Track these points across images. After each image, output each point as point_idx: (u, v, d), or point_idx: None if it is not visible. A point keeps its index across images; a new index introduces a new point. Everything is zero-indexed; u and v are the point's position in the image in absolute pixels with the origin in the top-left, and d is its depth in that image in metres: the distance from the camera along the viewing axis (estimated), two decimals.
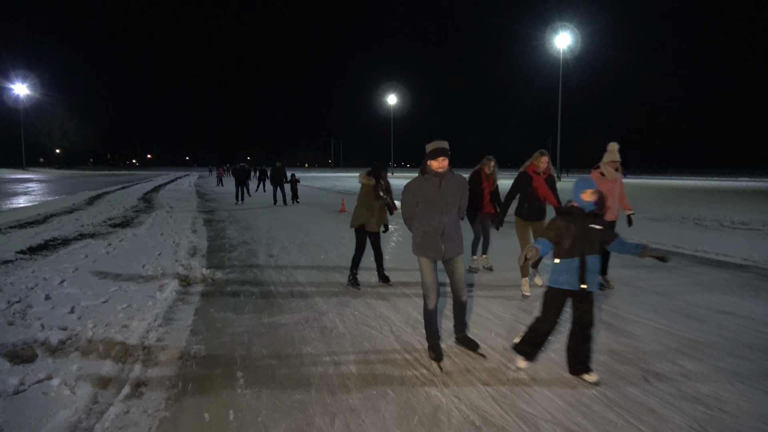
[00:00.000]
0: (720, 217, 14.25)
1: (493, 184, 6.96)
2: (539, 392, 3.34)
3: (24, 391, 3.28)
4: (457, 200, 3.86)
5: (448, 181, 3.80)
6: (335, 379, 3.53)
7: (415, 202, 3.87)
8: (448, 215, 3.81)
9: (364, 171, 6.20)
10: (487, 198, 6.92)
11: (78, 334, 4.27)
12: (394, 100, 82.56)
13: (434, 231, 3.79)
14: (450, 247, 3.83)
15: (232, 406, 3.13)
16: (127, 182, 39.30)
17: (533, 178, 5.74)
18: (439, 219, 3.78)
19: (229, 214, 15.13)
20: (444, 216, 3.79)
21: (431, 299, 3.86)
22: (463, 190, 3.89)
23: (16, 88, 73.29)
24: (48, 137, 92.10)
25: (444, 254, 3.82)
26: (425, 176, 3.82)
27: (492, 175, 6.96)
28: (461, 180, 3.90)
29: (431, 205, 3.79)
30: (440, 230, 3.79)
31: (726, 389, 3.39)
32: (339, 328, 4.61)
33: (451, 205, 3.81)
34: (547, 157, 5.74)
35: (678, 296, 5.71)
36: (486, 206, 6.92)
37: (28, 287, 5.81)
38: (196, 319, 4.84)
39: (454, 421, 2.97)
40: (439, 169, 3.76)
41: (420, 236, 3.86)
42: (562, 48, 48.34)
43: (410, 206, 3.94)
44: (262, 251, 8.56)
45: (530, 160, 5.82)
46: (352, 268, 6.15)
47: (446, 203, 3.79)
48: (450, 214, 3.82)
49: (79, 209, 15.72)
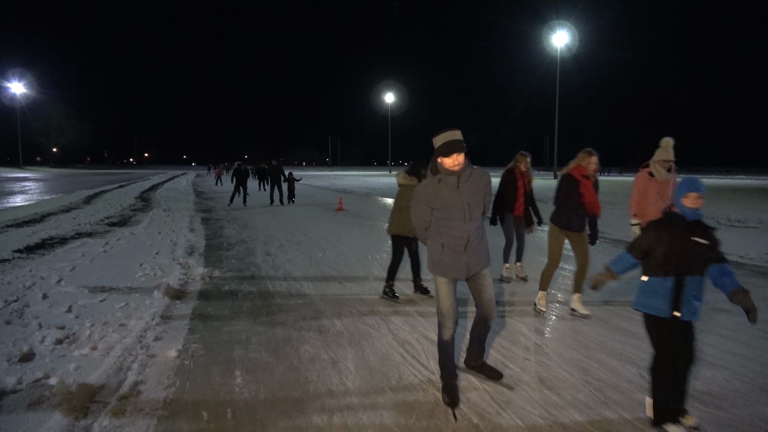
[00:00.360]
0: (717, 215, 14.29)
1: (528, 183, 6.28)
2: (537, 390, 3.36)
3: (21, 390, 3.27)
4: (480, 201, 3.17)
5: (467, 178, 3.12)
6: (333, 377, 3.54)
7: (430, 209, 3.20)
8: (472, 221, 3.15)
9: (403, 170, 5.56)
10: (521, 199, 6.22)
11: (76, 333, 4.27)
12: (391, 98, 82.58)
13: (456, 243, 3.14)
14: (475, 261, 3.20)
15: (230, 405, 3.13)
16: (124, 181, 39.20)
17: (580, 182, 4.86)
18: (462, 227, 3.12)
19: (226, 213, 15.11)
20: (468, 222, 3.13)
21: (448, 328, 3.19)
22: (486, 186, 3.21)
23: (13, 87, 73.04)
24: (45, 136, 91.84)
25: (469, 271, 3.19)
26: (438, 177, 3.16)
27: (527, 173, 6.26)
28: (482, 174, 3.22)
29: (450, 211, 3.12)
30: (463, 241, 3.14)
31: (722, 386, 3.41)
32: (337, 326, 4.61)
33: (474, 207, 3.13)
34: (596, 158, 4.93)
35: None
36: (520, 208, 6.24)
37: (25, 286, 5.80)
38: (194, 317, 4.84)
39: (451, 418, 2.98)
40: (454, 167, 3.07)
41: (438, 251, 3.20)
42: (559, 46, 48.35)
43: (424, 216, 3.25)
44: (260, 250, 8.55)
45: (575, 161, 4.98)
46: (388, 279, 5.59)
47: (468, 206, 3.11)
48: (474, 219, 3.15)
49: (76, 208, 15.68)
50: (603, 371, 3.65)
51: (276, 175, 17.73)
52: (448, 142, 3.04)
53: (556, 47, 48.47)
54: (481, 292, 3.29)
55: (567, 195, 4.89)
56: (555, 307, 5.30)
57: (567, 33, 48.54)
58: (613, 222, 11.93)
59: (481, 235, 3.26)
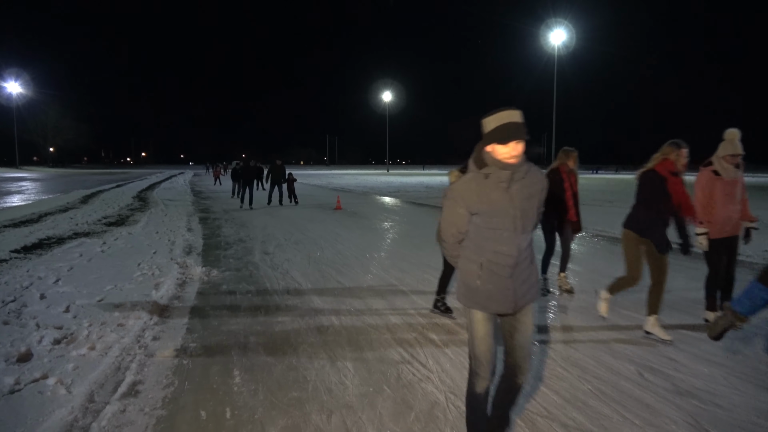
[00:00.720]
0: None
1: (575, 183, 5.68)
2: (534, 387, 3.36)
3: (20, 390, 3.27)
4: (534, 208, 2.40)
5: (522, 176, 2.35)
6: (332, 376, 3.54)
7: (468, 215, 2.38)
8: (524, 234, 2.37)
9: (456, 168, 4.82)
10: (570, 201, 5.57)
11: (73, 333, 4.26)
12: (389, 96, 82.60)
13: (502, 263, 2.34)
14: (524, 290, 2.40)
15: (228, 404, 3.13)
16: (121, 180, 39.11)
17: (668, 179, 4.15)
18: (511, 241, 2.33)
19: (224, 212, 15.09)
20: (519, 235, 2.34)
21: (482, 379, 2.45)
22: (542, 191, 2.44)
23: (9, 86, 72.80)
24: (41, 135, 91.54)
25: (516, 303, 2.38)
26: (485, 170, 2.35)
27: (574, 171, 5.67)
28: (539, 175, 2.44)
29: (497, 217, 2.32)
30: (512, 261, 2.34)
31: (720, 383, 3.42)
32: (335, 325, 4.61)
33: (527, 216, 2.35)
34: (686, 150, 4.22)
35: (673, 291, 5.73)
36: (570, 212, 5.58)
37: (22, 286, 5.79)
38: (192, 317, 4.84)
39: (450, 417, 2.98)
40: (511, 159, 2.28)
41: (474, 274, 2.38)
42: (556, 44, 48.42)
43: (459, 223, 2.41)
44: (258, 249, 8.55)
45: (660, 154, 4.26)
46: (440, 291, 4.97)
47: (520, 215, 2.33)
48: (526, 232, 2.37)
49: (73, 208, 15.64)
50: (602, 369, 3.66)
51: (278, 175, 16.98)
52: (506, 125, 2.26)
53: (554, 45, 48.54)
54: (517, 332, 2.46)
55: (652, 196, 4.16)
56: (558, 306, 5.30)
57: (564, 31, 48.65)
58: (612, 219, 11.94)
59: (532, 256, 2.47)
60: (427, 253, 8.01)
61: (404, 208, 16.43)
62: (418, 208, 16.62)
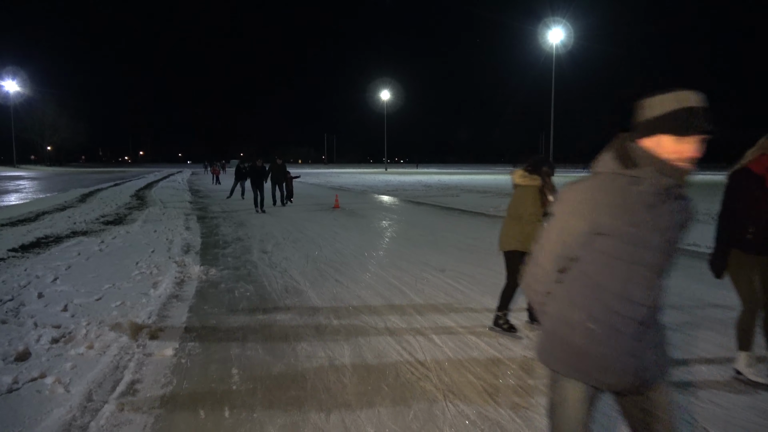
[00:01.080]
0: (712, 211, 14.34)
1: None
2: (533, 387, 3.36)
3: (18, 389, 3.26)
4: (679, 240, 1.69)
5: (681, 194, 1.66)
6: (330, 375, 3.54)
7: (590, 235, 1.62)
8: (664, 277, 1.68)
9: (520, 168, 4.31)
10: None
11: (71, 332, 4.25)
12: (387, 95, 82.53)
13: (629, 315, 1.61)
14: (654, 359, 1.67)
15: (227, 403, 3.13)
16: (119, 179, 39.05)
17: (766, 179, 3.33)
18: (650, 284, 1.62)
19: (222, 210, 15.08)
20: (658, 279, 1.65)
21: None
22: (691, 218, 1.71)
23: (6, 85, 72.62)
24: (39, 134, 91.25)
25: (639, 376, 1.64)
26: (633, 172, 1.61)
27: None
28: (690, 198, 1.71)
29: (636, 247, 1.59)
30: (644, 314, 1.62)
31: (717, 381, 3.43)
32: (334, 323, 4.61)
33: (674, 253, 1.67)
34: None
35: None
36: None
37: (20, 285, 5.78)
38: (191, 316, 4.83)
39: (448, 415, 2.98)
40: (685, 164, 1.58)
41: (581, 327, 1.63)
42: (555, 43, 48.40)
43: (569, 244, 1.66)
44: (256, 247, 8.54)
45: (756, 149, 3.41)
46: (502, 307, 4.33)
47: (668, 248, 1.64)
48: (665, 275, 1.68)
49: (71, 207, 15.61)
50: None
51: (279, 175, 16.33)
52: (690, 109, 1.54)
53: (552, 44, 48.53)
54: (656, 422, 1.70)
55: (752, 201, 3.36)
56: None
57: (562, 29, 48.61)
58: None
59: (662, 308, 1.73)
60: (425, 252, 8.01)
61: (402, 207, 16.43)
62: (417, 206, 16.62)
